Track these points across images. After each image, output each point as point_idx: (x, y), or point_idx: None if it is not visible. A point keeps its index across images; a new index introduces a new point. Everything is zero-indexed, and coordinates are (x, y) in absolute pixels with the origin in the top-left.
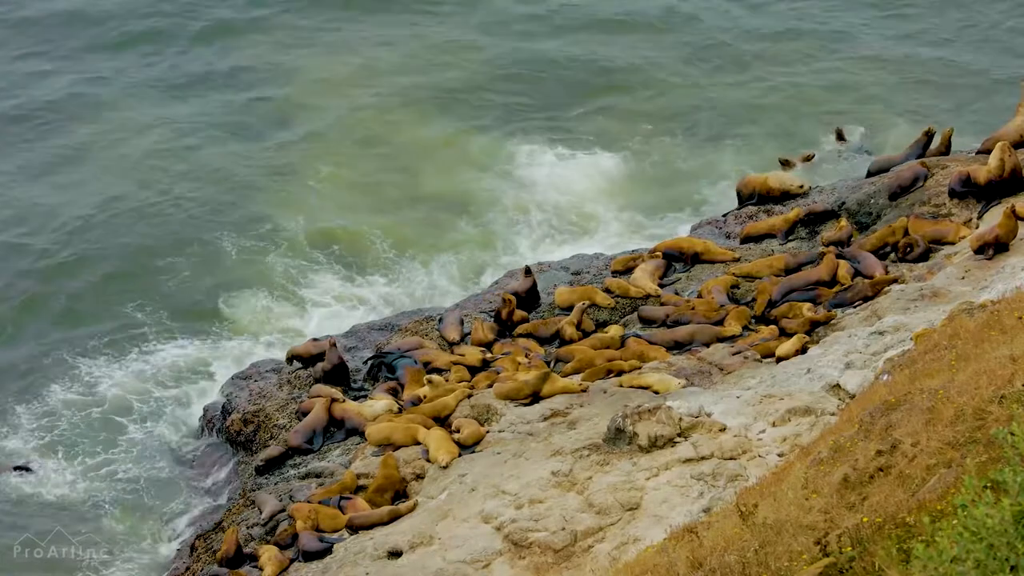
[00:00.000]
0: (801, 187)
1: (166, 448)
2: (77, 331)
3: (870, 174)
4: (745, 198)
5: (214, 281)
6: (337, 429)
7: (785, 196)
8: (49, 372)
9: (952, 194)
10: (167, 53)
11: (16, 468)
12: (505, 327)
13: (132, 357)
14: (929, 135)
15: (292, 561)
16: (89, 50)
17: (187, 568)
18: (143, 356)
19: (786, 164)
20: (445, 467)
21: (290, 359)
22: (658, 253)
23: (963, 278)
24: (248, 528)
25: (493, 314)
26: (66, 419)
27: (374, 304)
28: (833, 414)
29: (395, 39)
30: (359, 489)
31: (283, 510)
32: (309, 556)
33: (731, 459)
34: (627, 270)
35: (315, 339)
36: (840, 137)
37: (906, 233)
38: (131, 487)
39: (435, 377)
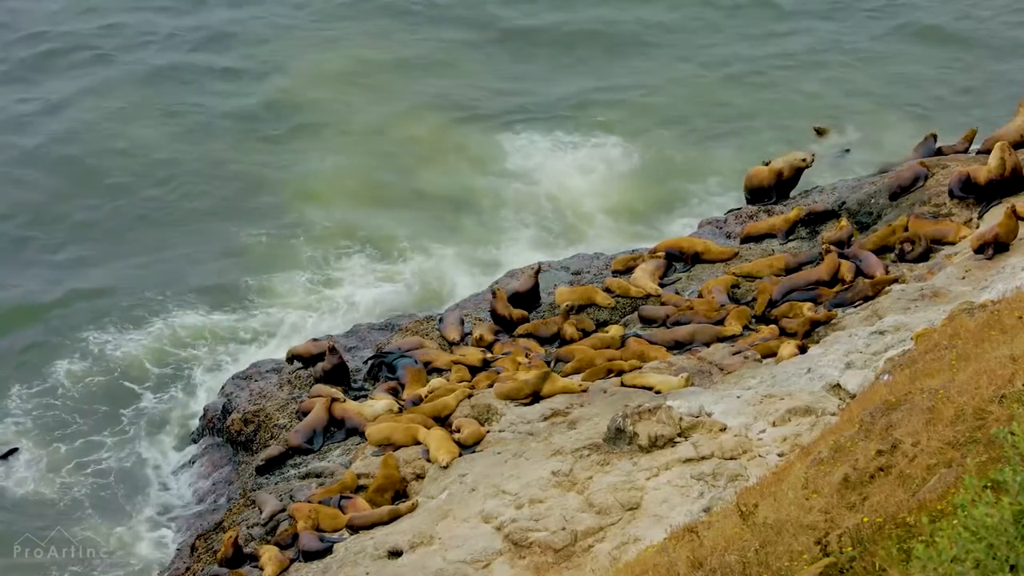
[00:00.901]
0: (804, 160)
1: (167, 446)
2: (86, 311)
3: (882, 173)
4: (754, 191)
5: (217, 264)
6: (337, 429)
7: (798, 174)
8: (54, 351)
9: (952, 195)
10: (169, 48)
11: (4, 455)
12: (505, 324)
13: (139, 338)
14: (934, 136)
15: (292, 561)
16: (91, 39)
17: (187, 568)
18: (151, 338)
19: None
20: (445, 467)
21: (290, 359)
22: (659, 253)
23: (963, 278)
24: (248, 528)
25: (490, 313)
26: (67, 401)
27: (372, 306)
28: (833, 414)
29: (393, 25)
30: (359, 489)
31: (283, 510)
32: (309, 556)
33: (731, 459)
34: (627, 270)
35: (315, 339)
36: (819, 134)
37: (906, 231)
38: (130, 484)
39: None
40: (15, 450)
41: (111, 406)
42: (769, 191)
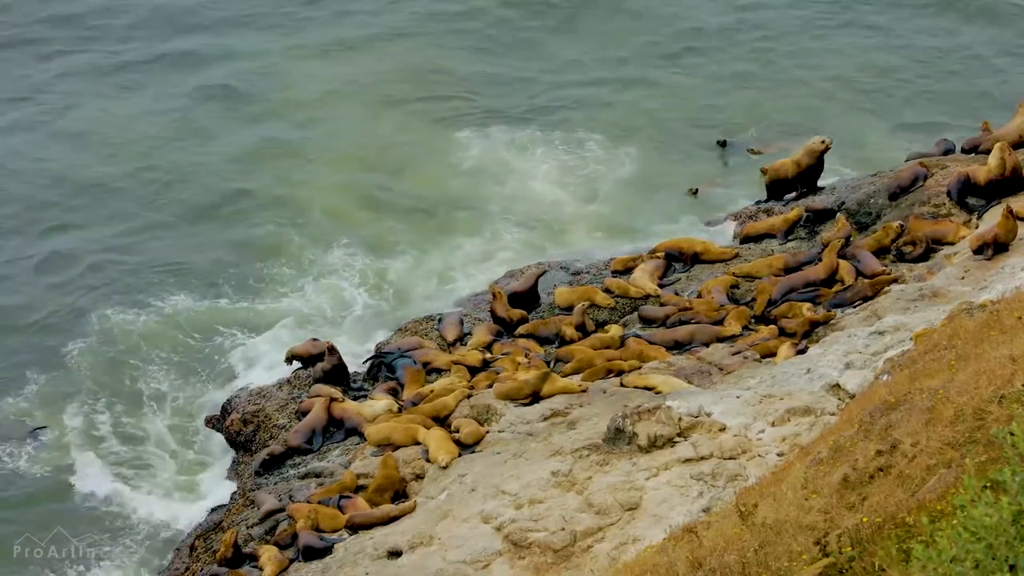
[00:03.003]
0: (823, 142)
1: (168, 444)
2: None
3: (911, 160)
4: (775, 186)
5: (205, 267)
6: (337, 429)
7: (821, 160)
8: (62, 343)
9: (951, 196)
10: (158, 52)
11: (33, 431)
12: (504, 325)
13: (137, 334)
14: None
15: (292, 561)
16: (88, 49)
17: (186, 568)
18: (148, 334)
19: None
20: (445, 467)
21: (289, 359)
22: (658, 253)
23: (963, 278)
24: (248, 528)
25: (490, 314)
26: (66, 391)
27: (367, 314)
28: (833, 414)
29: (375, 26)
30: (359, 489)
31: (281, 509)
32: (309, 556)
33: (731, 459)
34: (627, 270)
35: (315, 339)
36: (754, 154)
37: (901, 233)
38: (130, 483)
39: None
40: (43, 427)
41: (111, 400)
42: (792, 183)
